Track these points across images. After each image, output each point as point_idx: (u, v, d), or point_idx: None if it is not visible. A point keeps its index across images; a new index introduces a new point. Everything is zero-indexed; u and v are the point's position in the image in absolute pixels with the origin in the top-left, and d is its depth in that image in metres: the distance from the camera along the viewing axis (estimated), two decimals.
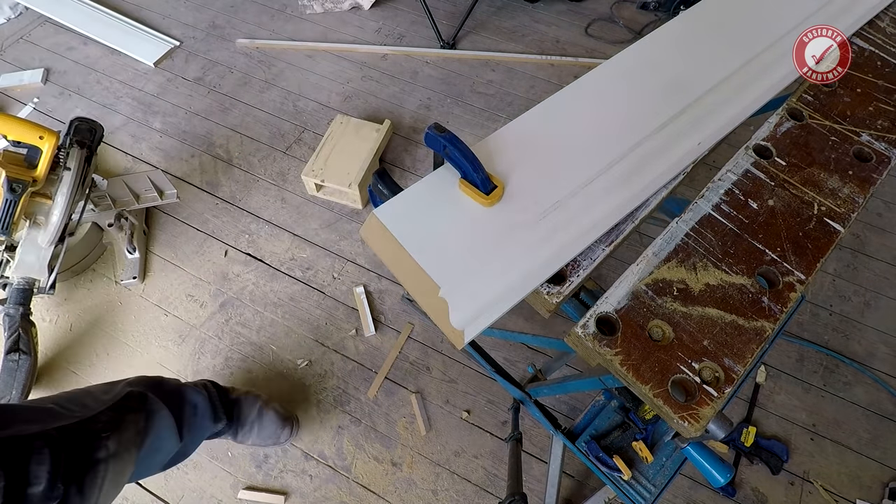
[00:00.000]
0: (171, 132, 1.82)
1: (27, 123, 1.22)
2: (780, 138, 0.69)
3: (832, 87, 0.75)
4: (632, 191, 0.62)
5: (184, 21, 2.15)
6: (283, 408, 1.25)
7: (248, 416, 1.18)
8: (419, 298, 0.54)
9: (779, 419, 1.34)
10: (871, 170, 0.66)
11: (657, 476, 0.84)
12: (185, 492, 1.23)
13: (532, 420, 1.31)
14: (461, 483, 1.26)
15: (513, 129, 0.65)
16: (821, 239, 0.60)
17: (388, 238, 0.56)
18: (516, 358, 1.42)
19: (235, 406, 1.18)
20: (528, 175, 0.61)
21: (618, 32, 2.15)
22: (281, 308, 1.48)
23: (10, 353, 1.28)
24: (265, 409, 1.20)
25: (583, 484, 1.26)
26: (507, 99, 1.93)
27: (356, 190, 1.57)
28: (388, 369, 1.39)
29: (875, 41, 0.80)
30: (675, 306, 0.54)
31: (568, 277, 0.57)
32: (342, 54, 2.04)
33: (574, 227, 0.58)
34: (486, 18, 2.18)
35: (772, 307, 0.55)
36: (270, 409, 1.21)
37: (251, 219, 1.64)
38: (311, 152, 1.74)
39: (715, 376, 0.51)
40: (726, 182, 0.65)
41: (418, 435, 1.31)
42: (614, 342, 0.52)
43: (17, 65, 1.98)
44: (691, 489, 1.25)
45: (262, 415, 1.19)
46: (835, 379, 1.40)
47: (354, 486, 1.25)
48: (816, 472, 1.28)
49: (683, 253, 0.58)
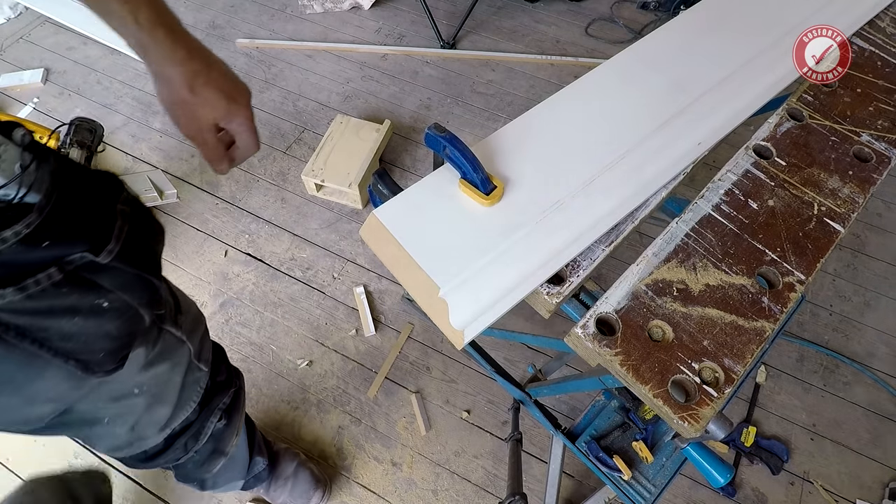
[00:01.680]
0: (172, 132, 1.82)
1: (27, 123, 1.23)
2: (780, 138, 0.69)
3: (832, 87, 0.75)
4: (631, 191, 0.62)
5: (184, 21, 2.13)
6: (319, 469, 1.21)
7: (285, 471, 1.15)
8: (419, 299, 0.54)
9: (779, 419, 1.34)
10: (871, 170, 0.66)
11: (657, 476, 0.84)
12: (186, 492, 1.23)
13: (532, 420, 1.31)
14: (461, 483, 1.26)
15: (513, 129, 0.65)
16: (821, 239, 0.60)
17: (388, 238, 0.56)
18: (516, 358, 1.42)
19: (275, 458, 1.15)
20: (527, 175, 0.61)
21: (618, 32, 2.15)
22: (281, 308, 1.48)
23: None
24: (302, 468, 1.17)
25: (583, 484, 1.26)
26: (507, 99, 1.93)
27: (356, 190, 1.57)
28: (388, 369, 1.39)
29: (875, 41, 0.80)
30: (675, 306, 0.54)
31: (568, 278, 0.57)
32: (342, 54, 2.04)
33: (574, 227, 0.58)
34: (486, 18, 2.18)
35: (772, 307, 0.55)
36: (307, 468, 1.17)
37: (251, 219, 1.64)
38: (311, 152, 1.74)
39: (715, 376, 0.51)
40: (726, 182, 0.65)
41: (418, 435, 1.31)
42: (614, 342, 0.52)
43: (17, 65, 1.98)
44: (691, 489, 1.25)
45: (297, 472, 1.16)
46: (835, 379, 1.40)
47: (354, 486, 1.25)
48: (816, 472, 1.28)
49: (683, 253, 0.58)
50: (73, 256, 0.43)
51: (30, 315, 0.42)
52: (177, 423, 0.71)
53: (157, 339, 0.61)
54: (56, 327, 0.44)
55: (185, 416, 0.72)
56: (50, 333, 0.44)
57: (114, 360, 0.52)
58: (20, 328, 0.41)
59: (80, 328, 0.46)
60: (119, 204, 0.50)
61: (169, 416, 0.69)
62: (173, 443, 0.73)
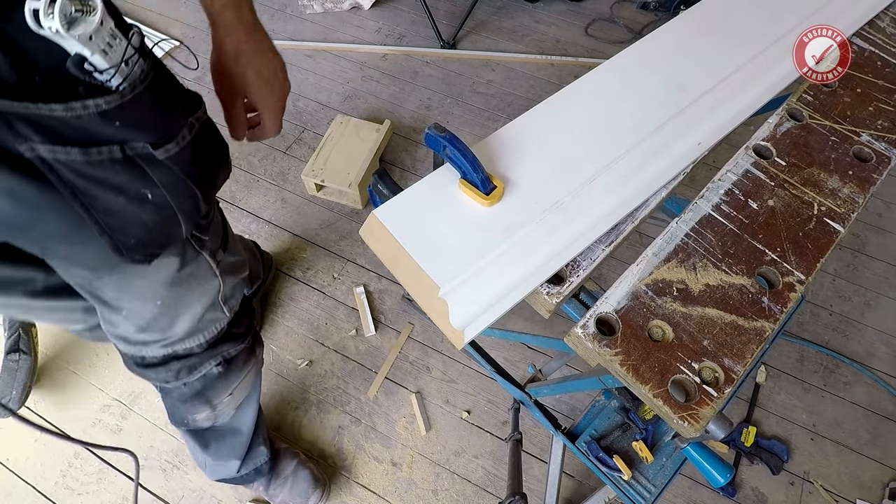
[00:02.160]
0: None
1: None
2: (780, 138, 0.69)
3: (832, 87, 0.75)
4: (632, 191, 0.62)
5: (184, 21, 2.15)
6: (319, 469, 1.23)
7: (285, 469, 1.17)
8: (419, 299, 0.54)
9: (779, 419, 1.34)
10: (870, 170, 0.66)
11: (657, 476, 0.84)
12: (185, 492, 1.23)
13: (532, 420, 1.31)
14: (461, 483, 1.26)
15: (513, 129, 0.65)
16: (821, 239, 0.60)
17: (388, 238, 0.56)
18: (516, 358, 1.42)
19: (276, 456, 1.16)
20: (527, 175, 0.61)
21: (618, 32, 2.15)
22: (281, 308, 1.48)
23: (10, 353, 1.28)
24: (301, 467, 1.19)
25: (583, 484, 1.26)
26: (507, 99, 1.93)
27: (356, 190, 1.57)
28: (388, 369, 1.39)
29: (875, 41, 0.80)
30: (675, 306, 0.54)
31: (568, 278, 0.57)
32: (342, 54, 2.04)
33: (574, 227, 0.58)
34: (486, 18, 2.18)
35: (772, 307, 0.55)
36: (306, 468, 1.19)
37: (251, 219, 1.64)
38: (311, 152, 1.74)
39: (715, 376, 0.51)
40: (726, 182, 0.65)
41: (418, 435, 1.31)
42: (614, 342, 0.52)
43: None
44: (691, 489, 1.25)
45: (297, 471, 1.18)
46: (835, 379, 1.40)
47: (354, 486, 1.25)
48: (816, 472, 1.28)
49: (683, 253, 0.58)
50: (135, 143, 0.49)
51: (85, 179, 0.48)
52: (180, 348, 0.77)
53: (190, 259, 0.67)
54: (103, 199, 0.50)
55: (190, 346, 0.77)
56: (97, 203, 0.50)
57: (143, 252, 0.58)
58: (75, 189, 0.48)
59: (121, 208, 0.52)
60: (192, 118, 0.57)
61: (176, 339, 0.75)
62: (168, 364, 0.78)
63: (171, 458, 1.27)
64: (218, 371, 0.83)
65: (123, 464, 1.26)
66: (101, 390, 1.35)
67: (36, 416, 1.32)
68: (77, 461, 1.27)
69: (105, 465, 1.26)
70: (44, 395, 1.34)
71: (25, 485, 1.24)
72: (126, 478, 1.25)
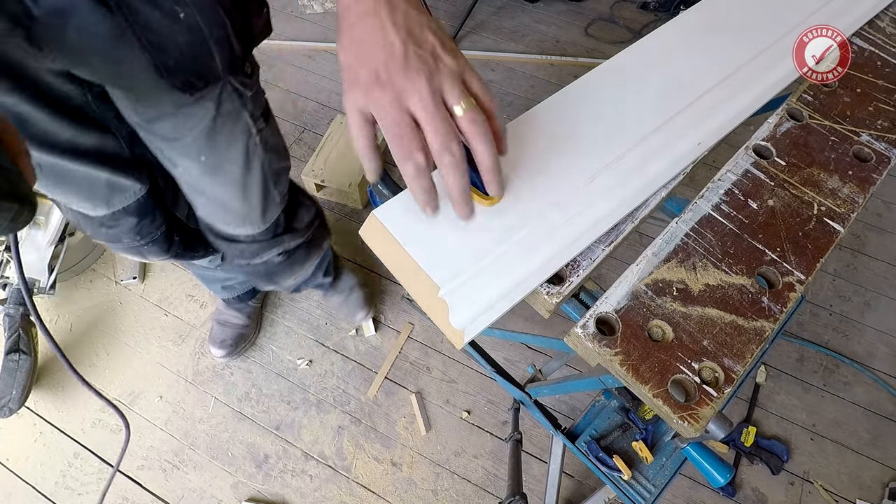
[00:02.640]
0: None
1: None
2: (780, 138, 0.69)
3: (832, 87, 0.75)
4: (632, 190, 0.62)
5: None
6: (371, 297, 1.45)
7: (344, 287, 1.36)
8: (419, 299, 0.54)
9: (779, 419, 1.34)
10: (870, 170, 0.66)
11: (657, 476, 0.84)
12: (185, 492, 1.24)
13: (532, 420, 1.31)
14: (461, 483, 1.26)
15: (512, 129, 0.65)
16: (821, 239, 0.60)
17: (388, 238, 0.56)
18: (516, 358, 1.42)
19: (339, 272, 1.34)
20: (527, 175, 0.61)
21: (618, 32, 2.15)
22: (281, 308, 1.48)
23: (10, 353, 1.28)
24: (357, 289, 1.39)
25: (583, 484, 1.26)
26: (507, 99, 1.93)
27: (356, 190, 1.57)
28: (388, 369, 1.39)
29: (875, 41, 0.80)
30: (675, 306, 0.54)
31: (568, 278, 0.57)
32: None
33: (574, 227, 0.58)
34: (486, 18, 2.18)
35: (772, 307, 0.55)
36: (361, 291, 1.40)
37: None
38: (311, 152, 1.74)
39: (715, 376, 0.51)
40: (726, 182, 0.65)
41: (418, 435, 1.31)
42: (614, 342, 0.52)
43: None
44: (691, 489, 1.25)
45: (352, 291, 1.37)
46: (835, 379, 1.40)
47: (354, 486, 1.25)
48: (816, 472, 1.28)
49: (683, 253, 0.58)
50: None
51: None
52: (242, 233, 0.83)
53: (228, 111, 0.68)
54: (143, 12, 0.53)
55: (250, 233, 0.84)
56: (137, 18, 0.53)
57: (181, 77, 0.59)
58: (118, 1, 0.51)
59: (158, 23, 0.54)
60: None
61: (237, 221, 0.81)
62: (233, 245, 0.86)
63: (171, 458, 1.27)
64: (279, 259, 0.91)
65: (124, 464, 1.26)
66: (102, 390, 1.35)
67: (36, 416, 1.32)
68: (77, 461, 1.27)
69: (105, 464, 1.26)
70: (44, 395, 1.35)
71: (25, 485, 1.24)
72: (126, 478, 1.25)
